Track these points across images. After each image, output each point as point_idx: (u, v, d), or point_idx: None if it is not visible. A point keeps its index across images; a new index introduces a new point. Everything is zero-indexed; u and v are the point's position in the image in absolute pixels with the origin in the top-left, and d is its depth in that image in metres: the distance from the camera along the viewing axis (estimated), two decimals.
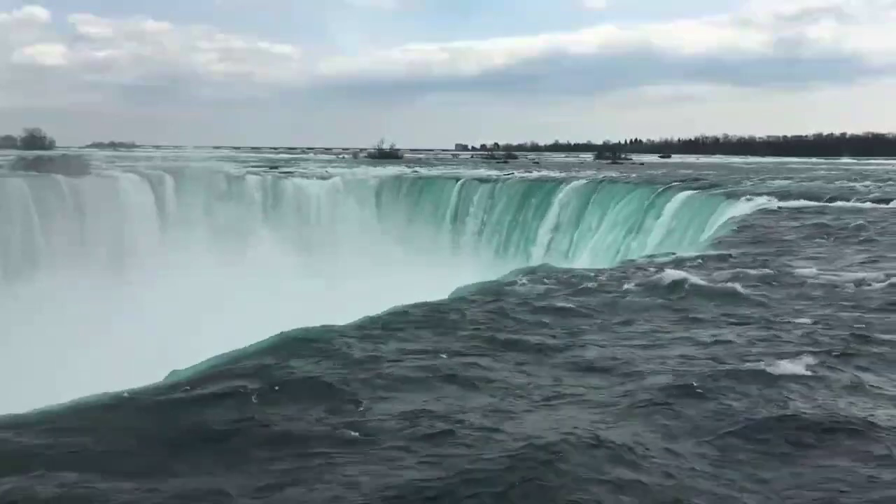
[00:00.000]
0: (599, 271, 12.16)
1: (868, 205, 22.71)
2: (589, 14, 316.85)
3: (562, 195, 35.59)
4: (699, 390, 6.17)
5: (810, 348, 7.33)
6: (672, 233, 25.18)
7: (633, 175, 41.62)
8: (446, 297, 10.14)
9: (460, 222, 39.05)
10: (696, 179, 35.36)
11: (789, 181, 35.24)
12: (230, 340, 7.23)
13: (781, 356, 7.05)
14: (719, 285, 10.54)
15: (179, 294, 26.64)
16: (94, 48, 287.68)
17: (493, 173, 45.47)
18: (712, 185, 30.83)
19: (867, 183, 33.05)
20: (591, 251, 29.94)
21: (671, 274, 11.09)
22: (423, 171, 48.95)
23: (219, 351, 6.97)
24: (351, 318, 8.32)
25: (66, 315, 23.01)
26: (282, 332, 7.52)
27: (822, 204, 23.14)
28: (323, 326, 7.85)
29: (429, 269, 28.93)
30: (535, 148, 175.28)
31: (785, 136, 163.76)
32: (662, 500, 4.37)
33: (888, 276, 10.99)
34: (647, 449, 5.01)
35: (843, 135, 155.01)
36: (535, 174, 44.46)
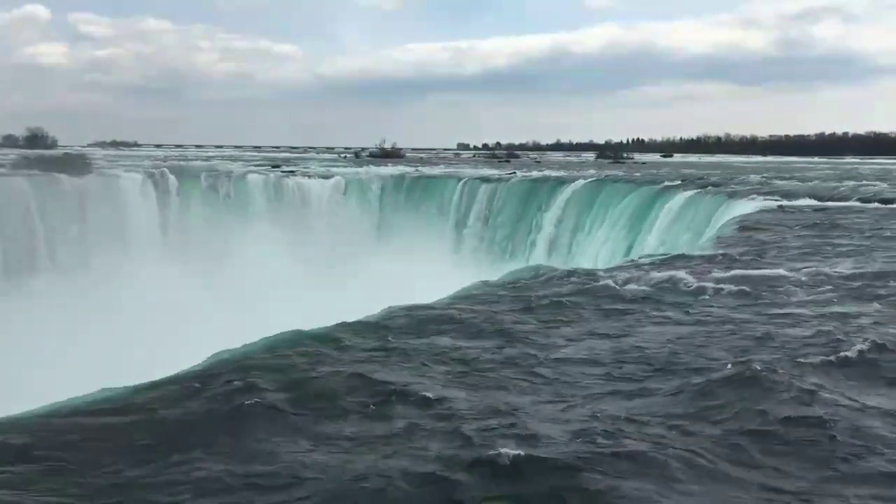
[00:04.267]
0: (601, 271, 12.14)
1: (871, 205, 22.65)
2: (591, 13, 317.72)
3: (564, 195, 35.53)
4: (698, 389, 6.16)
5: (812, 348, 7.31)
6: (674, 232, 25.12)
7: (636, 174, 41.58)
8: (448, 297, 10.12)
9: (462, 222, 39.03)
10: (699, 179, 35.32)
11: (791, 181, 35.19)
12: (230, 340, 7.22)
13: (782, 356, 7.03)
14: (720, 285, 10.51)
15: (181, 292, 26.67)
16: (95, 47, 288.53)
17: (495, 173, 45.44)
18: (714, 185, 30.78)
19: (865, 182, 32.98)
20: (594, 251, 29.90)
21: (672, 273, 11.07)
22: (426, 170, 48.94)
23: (217, 349, 6.97)
24: (351, 318, 8.32)
25: (66, 314, 23.04)
26: (281, 332, 7.52)
27: (824, 203, 23.08)
28: (324, 327, 7.85)
29: (431, 269, 28.92)
30: (536, 147, 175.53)
31: (787, 136, 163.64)
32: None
33: (889, 273, 10.96)
34: (646, 450, 4.99)
35: (846, 134, 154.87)
36: (536, 174, 44.40)
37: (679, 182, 32.68)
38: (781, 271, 11.53)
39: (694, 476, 4.69)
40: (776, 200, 23.91)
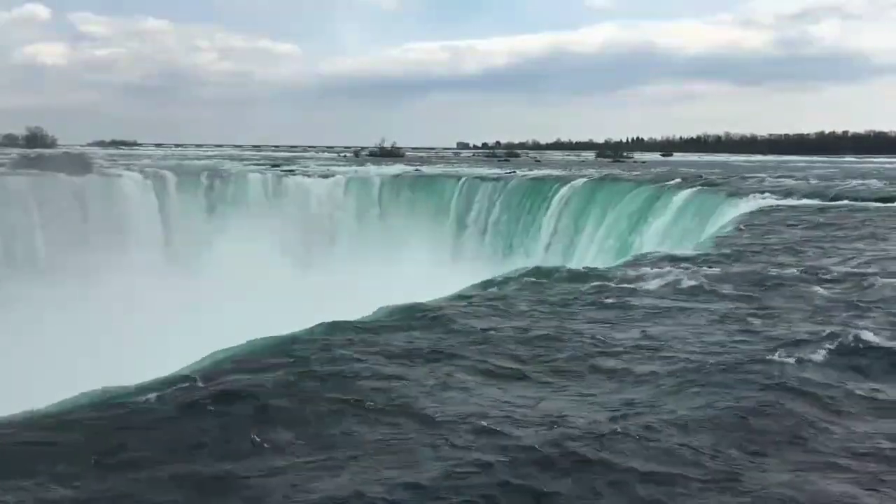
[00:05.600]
0: (600, 270, 12.16)
1: (869, 204, 22.65)
2: (591, 13, 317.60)
3: (563, 194, 35.53)
4: (694, 388, 6.19)
5: (807, 346, 7.33)
6: (673, 231, 25.13)
7: (635, 173, 41.57)
8: (446, 296, 10.14)
9: (461, 221, 39.02)
10: (698, 177, 35.31)
11: (791, 179, 35.17)
12: (229, 339, 7.24)
13: (778, 355, 7.06)
14: (719, 283, 10.54)
15: (180, 292, 26.68)
16: (95, 47, 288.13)
17: (495, 172, 45.43)
18: (714, 184, 30.78)
19: (866, 181, 32.97)
20: (593, 250, 29.89)
21: (671, 272, 11.10)
22: (425, 169, 48.94)
23: (216, 348, 7.00)
24: (350, 318, 8.34)
25: (67, 314, 23.05)
26: (281, 333, 7.54)
27: (823, 203, 23.09)
28: (323, 327, 7.87)
29: (430, 268, 28.94)
30: (536, 146, 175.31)
31: (787, 135, 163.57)
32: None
33: (887, 273, 10.99)
34: (641, 447, 5.02)
35: (846, 133, 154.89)
36: (536, 173, 44.38)
37: (677, 181, 32.67)
38: (778, 270, 11.56)
39: (683, 466, 4.73)
40: (775, 199, 23.93)
